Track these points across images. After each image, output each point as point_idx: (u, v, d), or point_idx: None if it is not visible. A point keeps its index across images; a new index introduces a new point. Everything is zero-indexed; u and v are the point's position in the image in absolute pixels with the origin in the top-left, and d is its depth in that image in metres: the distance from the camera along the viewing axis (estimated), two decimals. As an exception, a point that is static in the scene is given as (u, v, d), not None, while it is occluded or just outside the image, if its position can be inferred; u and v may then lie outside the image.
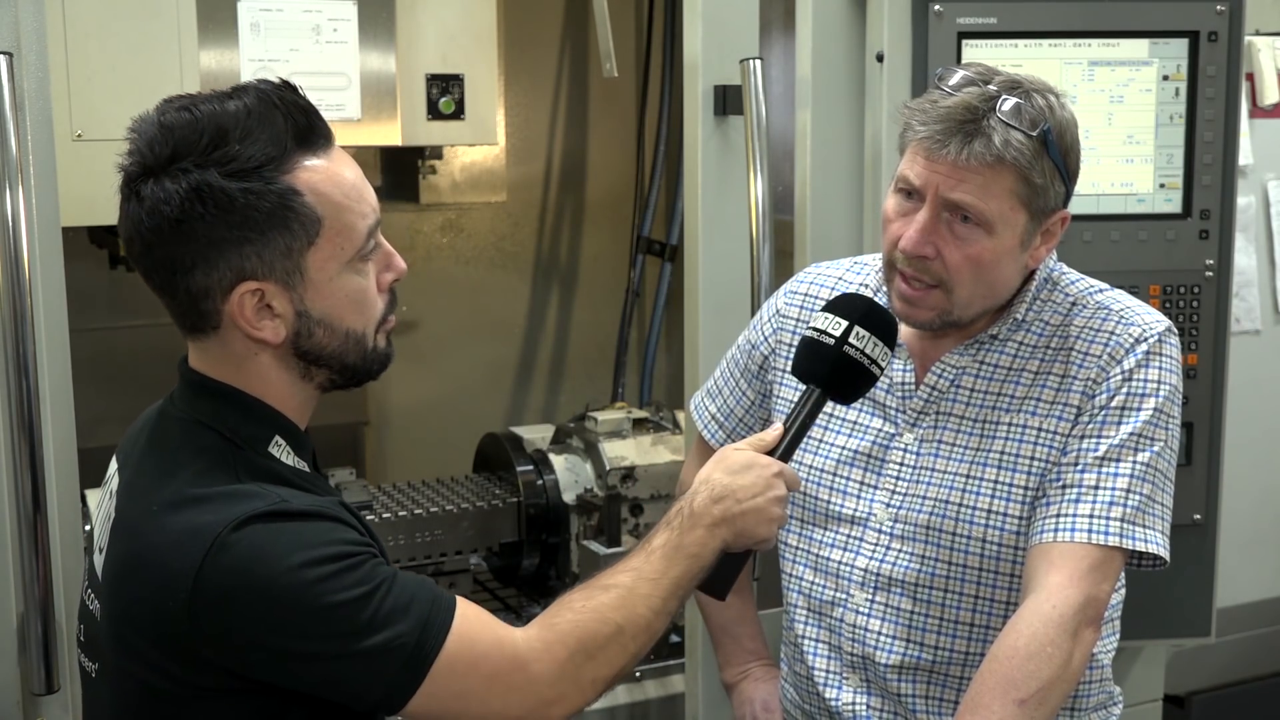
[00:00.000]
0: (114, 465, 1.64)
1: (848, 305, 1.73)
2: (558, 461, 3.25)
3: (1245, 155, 2.99)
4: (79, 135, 2.70)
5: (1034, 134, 1.69)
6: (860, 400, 1.87)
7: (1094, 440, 1.78)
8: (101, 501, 1.63)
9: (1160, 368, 1.80)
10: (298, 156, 1.47)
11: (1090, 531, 1.73)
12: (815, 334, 1.72)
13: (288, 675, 1.45)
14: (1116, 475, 1.75)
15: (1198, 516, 2.57)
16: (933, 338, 1.88)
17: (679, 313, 2.98)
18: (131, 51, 2.74)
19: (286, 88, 1.50)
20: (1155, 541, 1.76)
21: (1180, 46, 2.48)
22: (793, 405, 1.73)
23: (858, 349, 1.69)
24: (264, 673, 1.44)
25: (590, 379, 4.26)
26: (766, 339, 2.06)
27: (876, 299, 1.93)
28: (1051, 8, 2.46)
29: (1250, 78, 3.00)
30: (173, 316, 1.54)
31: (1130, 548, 1.74)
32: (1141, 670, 2.81)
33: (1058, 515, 1.75)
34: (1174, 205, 2.52)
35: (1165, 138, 2.50)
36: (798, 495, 1.95)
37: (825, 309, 1.74)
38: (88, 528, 2.69)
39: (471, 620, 1.49)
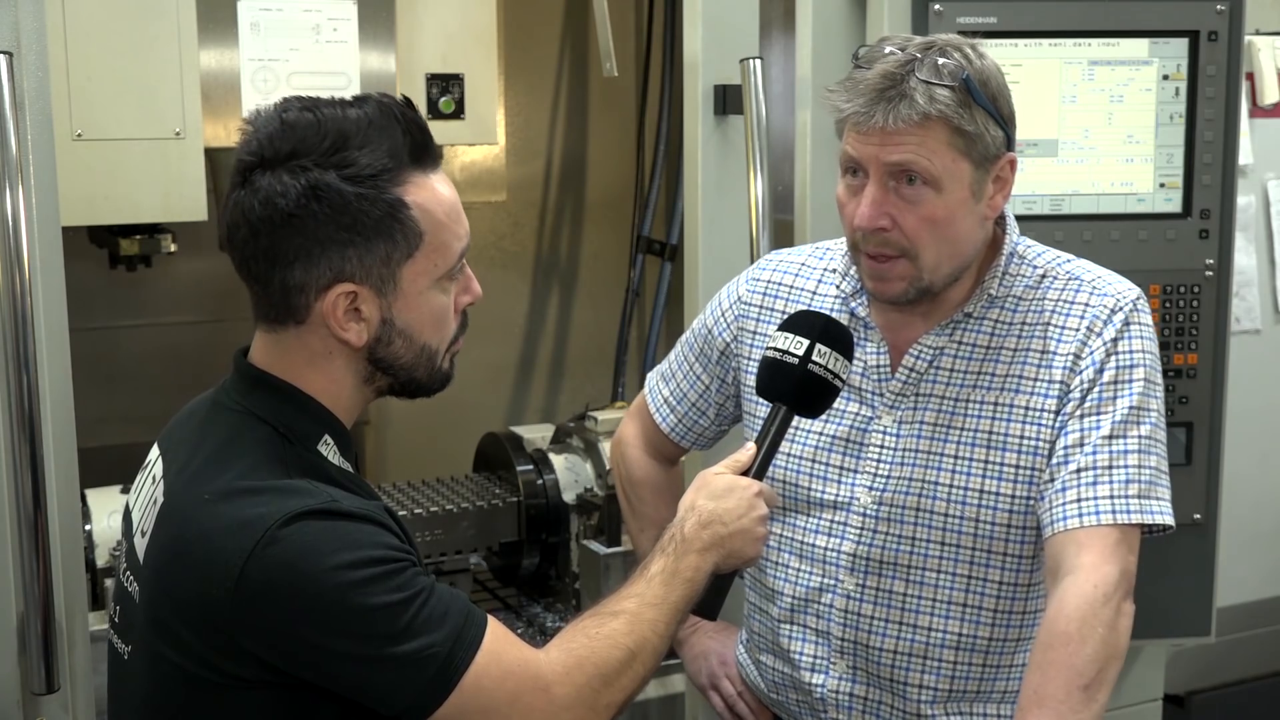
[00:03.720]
0: (155, 451, 1.67)
1: (806, 323, 1.77)
2: (558, 461, 3.25)
3: (1245, 155, 2.99)
4: (79, 135, 2.70)
5: (954, 85, 1.71)
6: None
7: (1094, 419, 1.79)
8: (141, 485, 1.66)
9: (1141, 336, 1.83)
10: (410, 171, 1.53)
11: (1114, 512, 1.74)
12: (777, 354, 1.75)
13: (320, 673, 1.47)
14: (1126, 453, 1.77)
15: (1198, 516, 2.57)
16: (905, 317, 1.88)
17: (679, 312, 2.98)
18: (131, 51, 2.74)
19: (406, 104, 1.56)
20: (1167, 513, 1.78)
21: (1180, 46, 2.48)
22: (761, 424, 1.77)
23: (821, 365, 1.73)
24: (298, 667, 1.47)
25: (590, 379, 4.26)
26: (729, 325, 2.06)
27: (846, 281, 1.95)
28: (1051, 7, 2.46)
29: (1250, 77, 3.00)
30: (256, 305, 1.58)
31: (1151, 522, 1.76)
32: (1141, 670, 2.81)
33: (1078, 500, 1.76)
34: (1174, 205, 2.52)
35: (1165, 137, 2.50)
36: (777, 484, 1.95)
37: (783, 328, 1.77)
38: (88, 527, 2.69)
39: (501, 639, 1.52)
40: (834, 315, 1.91)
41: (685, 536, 1.66)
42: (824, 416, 1.91)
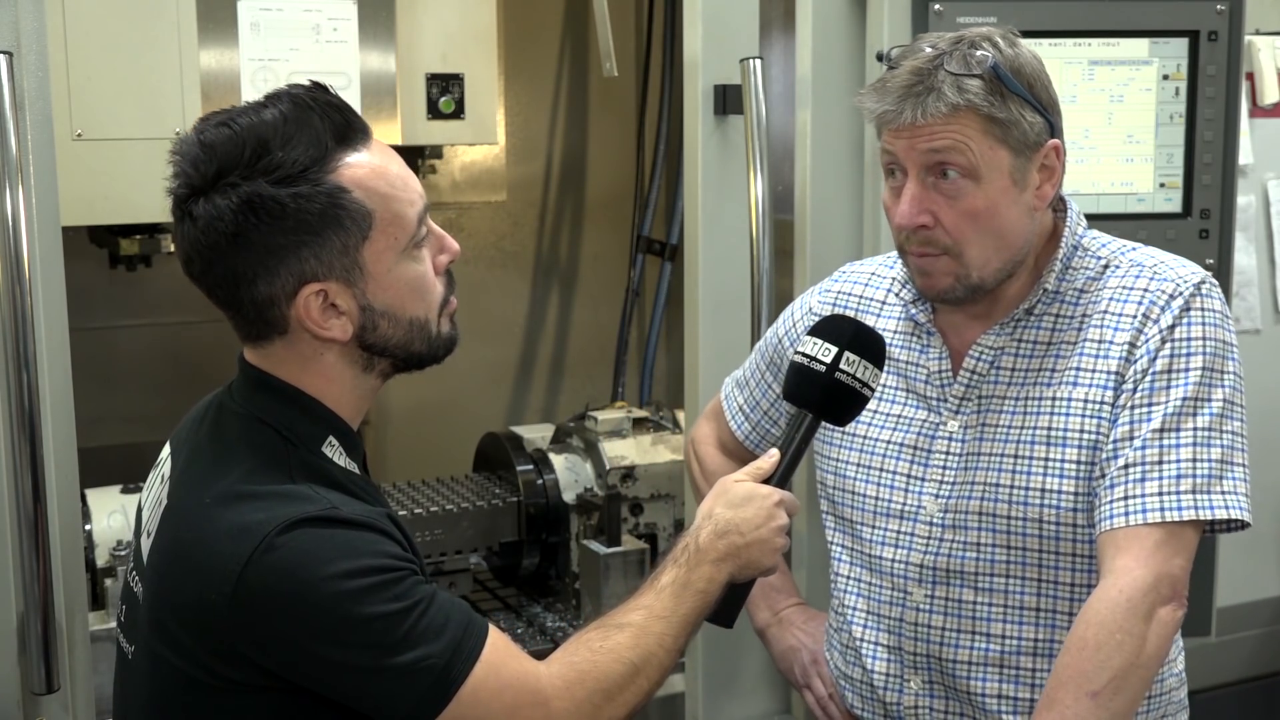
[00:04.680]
0: (166, 450, 1.66)
1: (835, 329, 1.73)
2: (558, 461, 3.25)
3: (1245, 155, 2.99)
4: (79, 135, 2.70)
5: (982, 74, 1.70)
6: (905, 394, 1.89)
7: (1145, 410, 1.73)
8: (152, 485, 1.65)
9: (1203, 323, 1.76)
10: (339, 154, 1.50)
11: (1162, 510, 1.68)
12: (805, 360, 1.71)
13: (317, 680, 1.47)
14: (1179, 446, 1.70)
15: (1198, 516, 2.56)
16: (965, 319, 1.86)
17: (679, 312, 2.98)
18: (131, 51, 2.74)
19: (318, 88, 1.53)
20: (1235, 506, 1.70)
21: (1180, 46, 2.48)
22: (786, 430, 1.74)
23: (849, 374, 1.69)
24: (295, 674, 1.46)
25: (590, 379, 4.26)
26: (799, 336, 2.02)
27: (906, 289, 1.92)
28: (1051, 7, 2.46)
29: (1250, 77, 3.00)
30: (237, 328, 1.57)
31: (1208, 518, 1.69)
32: (1141, 670, 2.81)
33: (1125, 498, 1.70)
34: (1174, 205, 2.52)
35: (1165, 137, 2.50)
36: (847, 495, 1.93)
37: (811, 333, 1.74)
38: (88, 527, 2.69)
39: (501, 650, 1.50)
40: (899, 323, 1.90)
41: (700, 546, 1.64)
42: (891, 425, 1.89)
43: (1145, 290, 1.78)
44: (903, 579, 1.88)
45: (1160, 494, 1.69)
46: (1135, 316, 1.77)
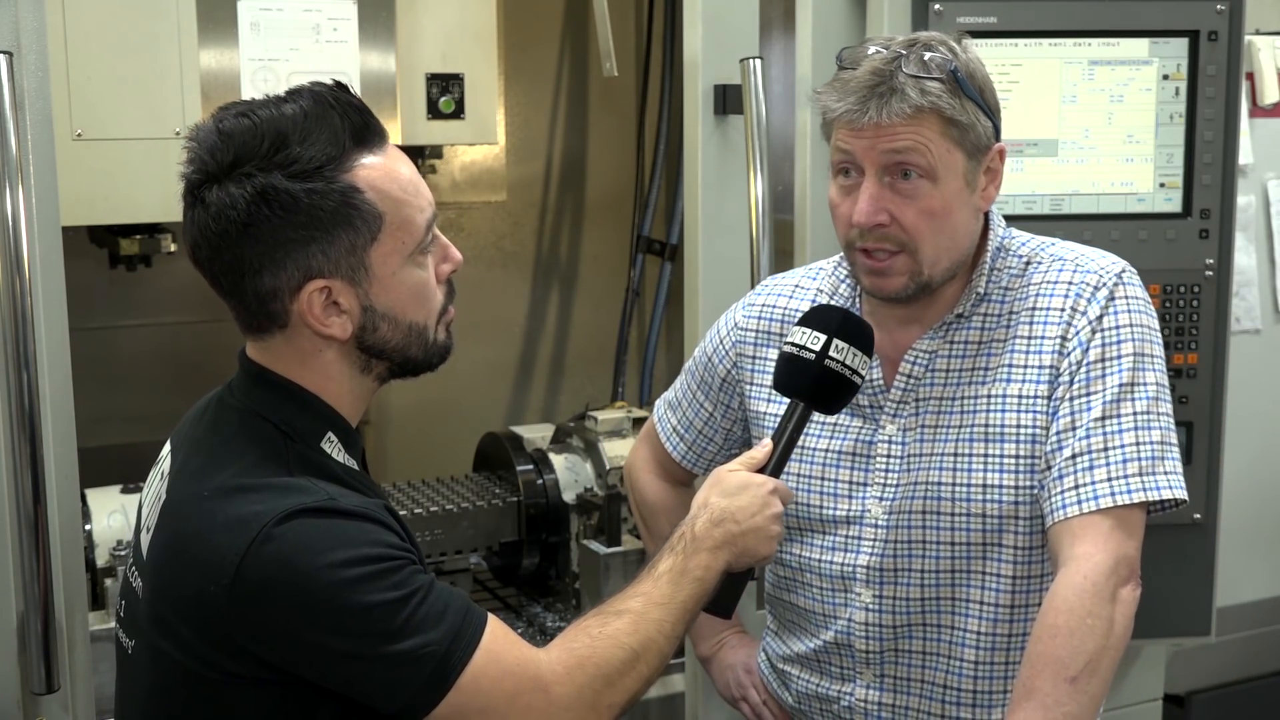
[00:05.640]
0: (167, 447, 1.67)
1: (823, 318, 1.75)
2: (558, 461, 3.25)
3: (1245, 155, 2.99)
4: (79, 135, 2.70)
5: (943, 77, 1.72)
6: None
7: (1084, 400, 1.77)
8: (152, 481, 1.66)
9: (1129, 310, 1.81)
10: (356, 155, 1.51)
11: (1113, 494, 1.73)
12: (794, 349, 1.74)
13: (316, 671, 1.47)
14: (1121, 431, 1.75)
15: (1198, 516, 2.57)
16: (900, 323, 1.88)
17: (679, 312, 2.98)
18: (131, 51, 2.74)
19: (340, 88, 1.54)
20: (1178, 486, 1.76)
21: (1180, 46, 2.48)
22: (778, 421, 1.76)
23: (839, 361, 1.72)
24: (294, 666, 1.47)
25: (590, 379, 4.26)
26: (727, 353, 2.07)
27: (832, 302, 1.94)
28: (1051, 7, 2.47)
29: (1250, 77, 3.00)
30: (238, 318, 1.58)
31: (1157, 499, 1.74)
32: (1141, 670, 2.81)
33: (1076, 487, 1.74)
34: (1174, 205, 2.52)
35: (1165, 137, 2.50)
36: (790, 506, 1.94)
37: (801, 323, 1.76)
38: (88, 527, 2.69)
39: (500, 638, 1.51)
40: None
41: (696, 535, 1.66)
42: (828, 434, 1.91)
43: (1070, 283, 1.82)
44: (852, 581, 1.91)
45: (1110, 479, 1.74)
46: (1063, 310, 1.81)
